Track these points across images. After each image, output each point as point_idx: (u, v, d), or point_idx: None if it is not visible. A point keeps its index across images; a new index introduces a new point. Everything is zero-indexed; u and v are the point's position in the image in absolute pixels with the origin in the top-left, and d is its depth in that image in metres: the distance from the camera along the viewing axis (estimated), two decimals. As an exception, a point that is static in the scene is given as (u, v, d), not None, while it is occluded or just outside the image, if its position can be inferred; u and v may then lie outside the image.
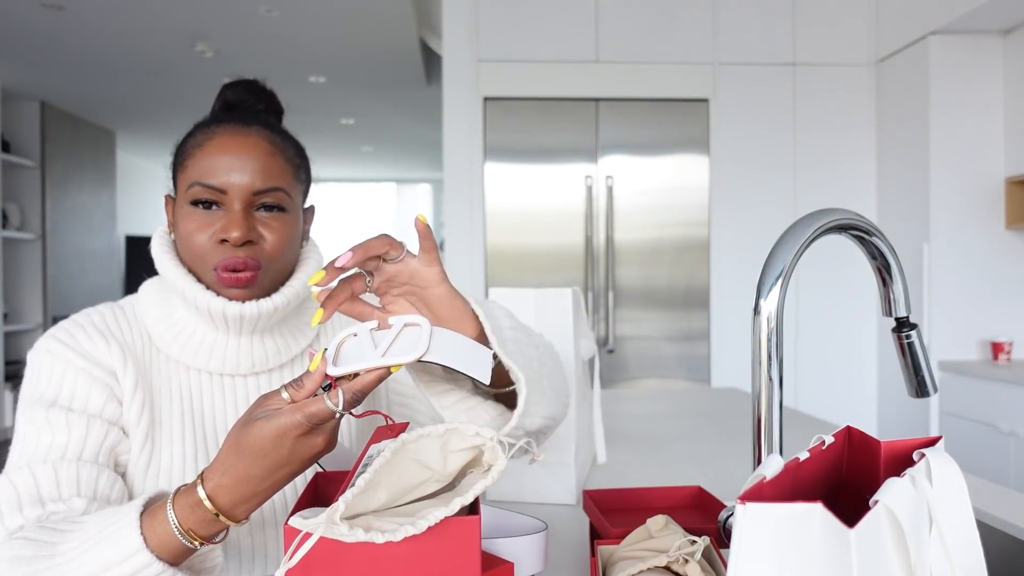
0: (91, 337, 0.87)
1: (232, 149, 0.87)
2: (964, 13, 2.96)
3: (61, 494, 0.77)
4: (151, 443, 0.87)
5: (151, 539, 0.67)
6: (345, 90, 5.82)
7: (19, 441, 0.81)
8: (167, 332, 0.91)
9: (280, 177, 0.90)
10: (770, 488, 0.50)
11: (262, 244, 0.89)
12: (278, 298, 0.91)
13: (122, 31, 4.49)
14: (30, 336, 6.17)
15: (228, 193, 0.87)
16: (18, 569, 0.68)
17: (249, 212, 0.88)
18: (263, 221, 0.89)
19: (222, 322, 0.89)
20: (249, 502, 0.68)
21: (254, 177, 0.87)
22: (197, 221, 0.87)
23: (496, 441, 0.65)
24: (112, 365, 0.87)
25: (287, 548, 0.59)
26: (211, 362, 0.91)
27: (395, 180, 9.93)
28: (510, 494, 1.20)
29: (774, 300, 0.73)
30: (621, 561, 0.74)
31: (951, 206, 3.19)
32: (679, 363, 3.53)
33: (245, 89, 0.97)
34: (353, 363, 0.68)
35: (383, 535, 0.59)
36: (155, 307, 0.92)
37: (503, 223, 3.46)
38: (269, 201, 0.89)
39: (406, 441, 0.63)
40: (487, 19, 3.43)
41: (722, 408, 2.05)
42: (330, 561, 0.60)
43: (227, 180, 0.87)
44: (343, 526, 0.58)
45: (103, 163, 7.21)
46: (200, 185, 0.87)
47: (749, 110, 3.52)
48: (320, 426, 0.66)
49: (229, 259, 0.86)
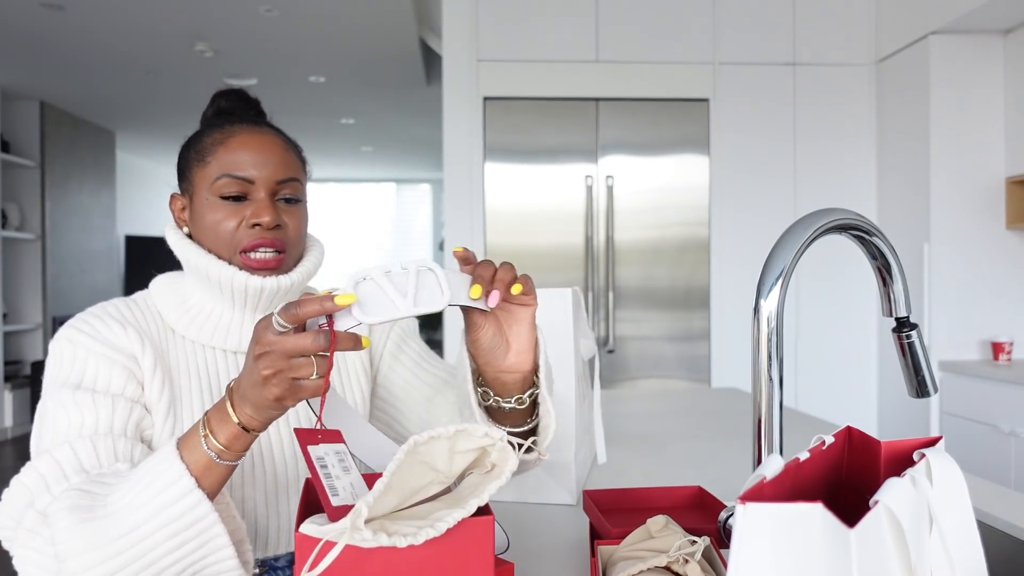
0: (109, 326, 0.92)
1: (254, 145, 0.96)
2: (964, 13, 2.96)
3: (101, 464, 0.82)
4: (173, 417, 0.92)
5: (189, 462, 0.72)
6: (345, 90, 5.81)
7: (50, 423, 0.85)
8: (184, 316, 0.96)
9: (295, 169, 0.99)
10: (770, 488, 0.50)
11: (286, 230, 0.97)
12: (295, 275, 0.98)
13: (122, 31, 4.49)
14: (30, 336, 6.17)
15: (255, 183, 0.95)
16: (77, 515, 0.72)
17: (273, 201, 0.96)
18: (284, 210, 0.97)
19: (242, 297, 0.95)
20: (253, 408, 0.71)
21: (276, 169, 0.96)
22: (225, 211, 0.95)
23: (506, 442, 0.65)
24: (131, 349, 0.91)
25: (302, 556, 0.59)
26: (228, 340, 0.97)
27: (395, 180, 9.92)
28: (510, 494, 1.20)
29: (774, 300, 0.73)
30: (621, 561, 0.74)
31: (951, 206, 3.19)
32: (679, 363, 3.53)
33: (237, 97, 1.05)
34: (382, 312, 0.69)
35: (405, 539, 0.59)
36: (169, 296, 0.98)
37: (503, 223, 3.46)
38: (287, 193, 0.97)
39: (417, 443, 0.63)
40: (487, 19, 3.43)
41: (722, 408, 2.05)
42: (348, 565, 0.60)
43: (253, 172, 0.95)
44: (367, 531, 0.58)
45: (103, 163, 7.21)
46: (229, 177, 0.94)
47: (749, 110, 3.52)
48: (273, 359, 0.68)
49: (259, 239, 0.94)
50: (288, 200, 0.98)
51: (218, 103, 1.04)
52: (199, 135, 0.99)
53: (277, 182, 0.96)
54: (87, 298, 6.64)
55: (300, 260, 1.01)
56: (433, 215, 9.78)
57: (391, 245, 9.82)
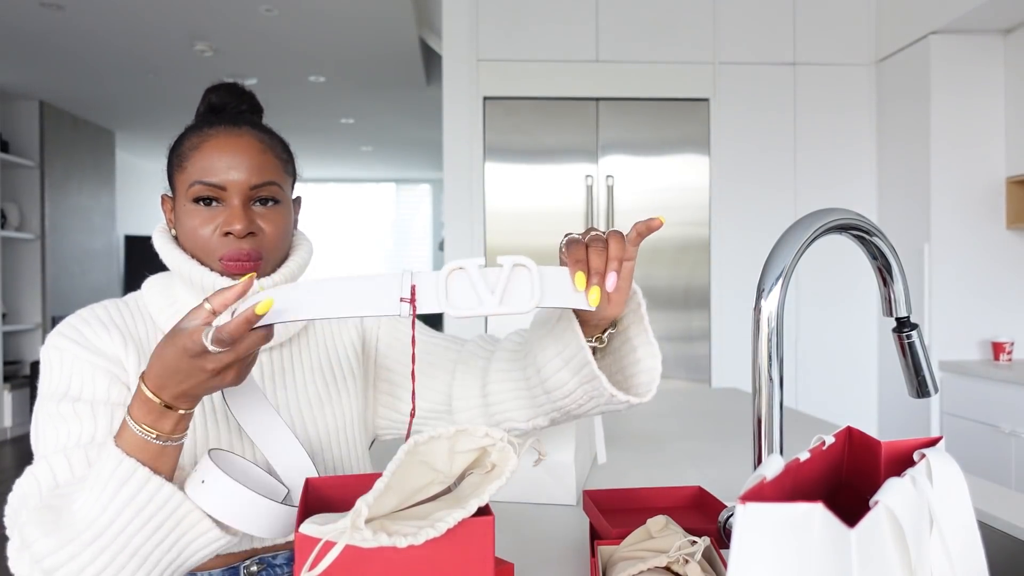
0: (95, 330, 0.93)
1: (227, 149, 0.94)
2: (964, 13, 2.96)
3: (75, 475, 0.84)
4: None
5: (125, 446, 0.74)
6: (345, 90, 5.81)
7: (39, 437, 0.88)
8: (172, 317, 0.96)
9: (272, 172, 0.96)
10: (770, 488, 0.50)
11: (262, 235, 0.95)
12: (277, 276, 0.97)
13: (122, 31, 4.49)
14: (30, 336, 6.17)
15: (227, 189, 0.93)
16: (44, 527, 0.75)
17: (248, 206, 0.95)
18: (260, 214, 0.96)
19: None
20: (175, 393, 0.73)
21: (250, 173, 0.94)
22: (200, 217, 0.94)
23: (507, 441, 0.65)
24: (115, 353, 0.92)
25: (301, 556, 0.58)
26: None
27: (395, 180, 9.92)
28: (510, 494, 1.20)
29: (774, 300, 0.73)
30: (621, 561, 0.74)
31: (951, 206, 3.19)
32: (679, 363, 3.53)
33: (228, 92, 1.03)
34: (467, 307, 0.69)
35: (406, 539, 0.59)
36: (159, 297, 0.98)
37: (503, 223, 3.45)
38: (264, 195, 0.95)
39: (417, 443, 0.63)
40: (487, 19, 3.43)
41: (722, 408, 2.05)
42: (348, 565, 0.60)
43: (225, 177, 0.93)
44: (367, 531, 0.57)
45: (102, 163, 7.20)
46: (201, 183, 0.93)
47: (749, 110, 3.52)
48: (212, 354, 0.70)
49: (233, 251, 0.93)
50: (265, 202, 0.96)
51: (209, 98, 1.03)
52: (180, 138, 0.98)
53: (251, 187, 0.94)
54: (87, 298, 6.64)
55: (284, 261, 1.00)
56: (433, 215, 9.77)
57: (391, 245, 9.82)
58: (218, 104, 1.02)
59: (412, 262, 9.69)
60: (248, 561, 0.96)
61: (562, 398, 0.87)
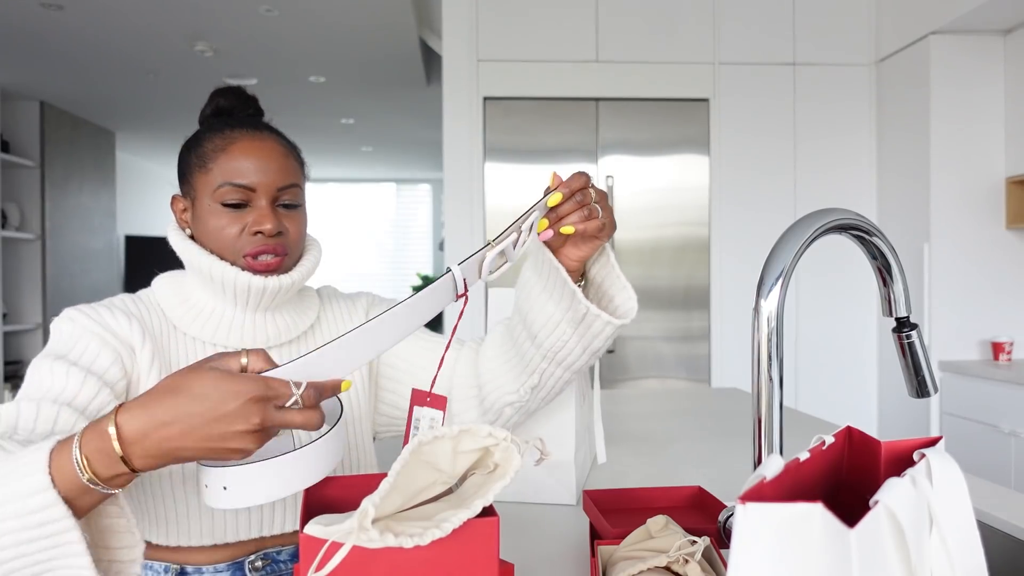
0: (114, 315, 0.94)
1: (254, 152, 0.97)
2: (964, 13, 2.96)
3: (36, 428, 0.78)
4: None
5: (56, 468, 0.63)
6: (345, 90, 5.81)
7: (25, 384, 0.87)
8: (186, 314, 0.98)
9: (294, 175, 1.01)
10: (770, 488, 0.50)
11: (287, 235, 0.99)
12: (295, 274, 1.01)
13: (122, 31, 4.49)
14: (30, 336, 6.16)
15: (257, 191, 0.97)
16: None
17: (274, 207, 0.98)
18: (284, 215, 1.00)
19: (244, 296, 0.98)
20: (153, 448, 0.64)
21: (276, 176, 0.98)
22: (228, 217, 0.97)
23: (510, 441, 0.65)
24: (131, 340, 0.93)
25: (307, 556, 0.58)
26: (230, 337, 0.99)
27: (395, 180, 9.91)
28: (510, 494, 1.20)
29: (774, 300, 0.73)
30: (621, 561, 0.74)
31: (951, 206, 3.18)
32: (679, 363, 3.53)
33: (235, 96, 1.06)
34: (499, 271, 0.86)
35: (412, 539, 0.59)
36: (171, 294, 1.00)
37: (503, 223, 3.45)
38: (288, 199, 0.99)
39: (421, 443, 0.63)
40: (487, 19, 3.43)
41: (722, 408, 2.05)
42: (354, 566, 0.60)
43: (254, 179, 0.97)
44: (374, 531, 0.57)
45: (103, 163, 7.20)
46: (230, 185, 0.96)
47: (749, 110, 3.52)
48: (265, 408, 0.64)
49: (262, 246, 0.97)
50: (288, 206, 1.00)
51: (216, 101, 1.05)
52: (199, 138, 1.00)
53: (278, 189, 0.98)
54: (87, 298, 6.64)
55: (300, 260, 1.04)
56: (433, 215, 9.77)
57: (391, 245, 9.82)
58: (226, 106, 1.04)
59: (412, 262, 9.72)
60: (253, 556, 0.96)
61: (547, 336, 0.93)
